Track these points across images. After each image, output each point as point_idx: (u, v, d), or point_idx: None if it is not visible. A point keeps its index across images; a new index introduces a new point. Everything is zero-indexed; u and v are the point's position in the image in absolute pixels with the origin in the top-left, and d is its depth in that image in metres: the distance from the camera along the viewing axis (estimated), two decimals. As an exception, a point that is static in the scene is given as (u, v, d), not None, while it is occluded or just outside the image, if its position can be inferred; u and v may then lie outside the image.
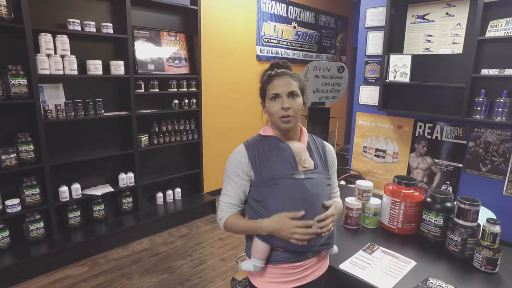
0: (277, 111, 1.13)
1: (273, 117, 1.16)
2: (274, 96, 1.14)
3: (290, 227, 1.06)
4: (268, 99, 1.16)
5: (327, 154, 1.27)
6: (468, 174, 2.62)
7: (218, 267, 2.69)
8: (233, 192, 1.16)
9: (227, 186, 1.17)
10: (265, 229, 1.09)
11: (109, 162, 3.11)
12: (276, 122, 1.15)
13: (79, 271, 2.59)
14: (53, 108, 2.60)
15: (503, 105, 2.27)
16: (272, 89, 1.14)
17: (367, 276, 1.27)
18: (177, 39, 3.41)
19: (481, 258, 1.30)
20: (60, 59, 2.55)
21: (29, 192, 2.51)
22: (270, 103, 1.15)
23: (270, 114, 1.17)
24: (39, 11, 2.54)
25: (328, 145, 1.31)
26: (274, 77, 1.15)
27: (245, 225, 1.14)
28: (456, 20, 2.57)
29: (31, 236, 2.57)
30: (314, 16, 5.24)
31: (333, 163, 1.29)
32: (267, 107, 1.17)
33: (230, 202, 1.17)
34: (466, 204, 1.37)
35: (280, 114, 1.13)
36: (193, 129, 3.60)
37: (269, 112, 1.17)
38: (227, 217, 1.17)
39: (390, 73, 2.78)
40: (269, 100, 1.15)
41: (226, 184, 1.18)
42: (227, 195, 1.17)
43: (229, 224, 1.16)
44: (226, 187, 1.18)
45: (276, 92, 1.13)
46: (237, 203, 1.18)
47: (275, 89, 1.14)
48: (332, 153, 1.30)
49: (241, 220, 1.16)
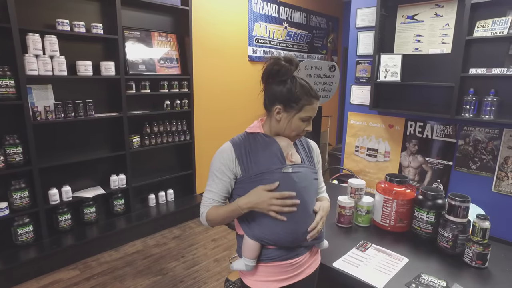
0: (301, 130, 1.16)
1: (288, 131, 1.16)
2: (308, 118, 1.16)
3: (267, 199, 1.06)
4: (299, 117, 1.14)
5: (312, 150, 1.29)
6: (458, 172, 2.66)
7: (212, 268, 2.68)
8: (216, 189, 1.16)
9: (211, 183, 1.17)
10: (244, 206, 1.09)
11: (100, 164, 3.07)
12: (289, 136, 1.18)
13: (70, 274, 2.55)
14: (42, 110, 2.56)
15: (491, 103, 2.31)
16: (311, 111, 1.15)
17: (361, 273, 1.28)
18: (168, 40, 3.39)
19: (472, 253, 1.32)
20: (49, 59, 2.51)
21: (18, 195, 2.46)
22: (299, 122, 1.14)
23: (287, 128, 1.15)
24: (26, 10, 2.50)
25: (312, 142, 1.33)
26: (314, 99, 1.14)
27: (224, 210, 1.13)
28: (444, 20, 2.61)
29: (19, 240, 2.52)
30: (305, 17, 5.27)
31: (318, 160, 1.30)
32: (292, 122, 1.14)
33: (213, 198, 1.16)
34: (457, 200, 1.39)
35: (301, 133, 1.18)
36: (185, 130, 3.58)
37: (289, 127, 1.15)
38: (207, 210, 1.17)
39: (381, 72, 2.81)
40: (300, 119, 1.14)
41: (211, 181, 1.17)
42: (211, 191, 1.17)
43: (210, 215, 1.15)
44: (210, 183, 1.18)
45: (311, 116, 1.15)
46: (220, 200, 1.17)
47: (311, 113, 1.15)
48: (317, 150, 1.32)
49: (221, 208, 1.15)
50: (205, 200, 1.18)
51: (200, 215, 1.20)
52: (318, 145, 3.00)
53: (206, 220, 1.17)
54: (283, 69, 1.11)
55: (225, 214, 1.13)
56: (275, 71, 1.12)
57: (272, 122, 1.17)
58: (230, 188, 1.17)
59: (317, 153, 1.31)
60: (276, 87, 1.13)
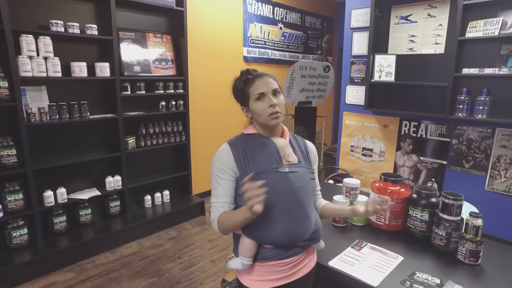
0: (264, 109, 1.14)
1: (261, 117, 1.16)
2: (260, 95, 1.15)
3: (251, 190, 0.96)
4: (253, 100, 1.16)
5: (309, 151, 1.29)
6: (452, 171, 2.69)
7: (208, 268, 2.68)
8: (223, 190, 1.15)
9: (217, 186, 1.15)
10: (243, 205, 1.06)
11: (95, 165, 3.06)
12: (265, 121, 1.16)
13: (65, 277, 2.53)
14: (36, 111, 2.54)
15: (483, 103, 2.34)
16: (256, 89, 1.15)
17: (356, 272, 1.29)
18: (163, 41, 3.39)
19: (465, 251, 1.34)
20: (43, 61, 2.50)
21: (12, 197, 2.44)
22: (257, 104, 1.16)
23: (257, 115, 1.17)
24: (19, 12, 2.48)
25: (309, 142, 1.34)
26: (255, 79, 1.17)
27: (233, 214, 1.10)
28: (437, 21, 2.64)
29: (14, 243, 2.50)
30: (300, 17, 5.29)
31: (315, 160, 1.31)
32: (252, 109, 1.17)
33: (223, 201, 1.14)
34: (450, 199, 1.41)
35: (269, 112, 1.14)
36: (181, 131, 3.58)
37: (256, 113, 1.17)
38: (219, 215, 1.13)
39: (376, 73, 2.83)
40: (255, 101, 1.16)
41: (216, 184, 1.16)
42: (218, 194, 1.15)
43: (223, 219, 1.11)
44: (216, 186, 1.16)
45: (261, 92, 1.15)
46: (230, 201, 1.15)
47: (259, 89, 1.15)
48: (314, 150, 1.33)
49: (230, 213, 1.11)
50: (215, 205, 1.15)
51: (212, 222, 1.15)
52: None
53: (218, 226, 1.12)
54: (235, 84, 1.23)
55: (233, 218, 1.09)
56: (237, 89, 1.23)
57: (253, 121, 1.23)
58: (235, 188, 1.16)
59: (314, 153, 1.32)
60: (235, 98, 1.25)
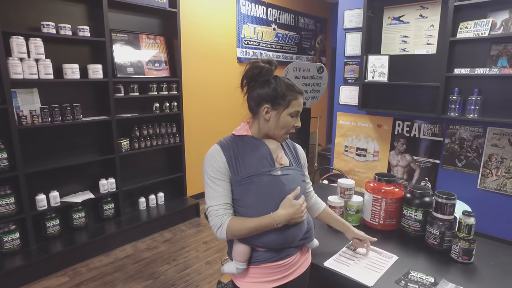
0: (289, 127, 1.17)
1: (278, 130, 1.16)
2: (296, 114, 1.17)
3: (299, 206, 1.10)
4: (287, 113, 1.14)
5: (298, 153, 1.30)
6: (445, 170, 2.71)
7: (204, 270, 2.67)
8: (223, 191, 1.10)
9: (215, 188, 1.10)
10: (282, 219, 1.08)
11: (89, 168, 3.03)
12: (278, 135, 1.17)
13: (59, 281, 2.50)
14: (28, 114, 2.51)
15: (474, 102, 2.37)
16: (298, 106, 1.16)
17: (351, 272, 1.29)
18: (156, 42, 3.37)
19: (458, 249, 1.35)
20: (34, 63, 2.47)
21: (3, 201, 2.40)
22: (288, 118, 1.15)
23: (277, 126, 1.15)
24: (9, 13, 2.45)
25: (298, 145, 1.35)
26: (298, 95, 1.16)
27: (256, 223, 1.06)
28: (429, 21, 2.67)
29: (5, 248, 2.46)
30: (293, 18, 5.30)
31: (304, 162, 1.32)
32: (280, 118, 1.14)
33: (223, 202, 1.09)
34: (443, 198, 1.42)
35: (290, 130, 1.18)
36: (175, 133, 3.56)
37: (279, 124, 1.15)
38: (229, 220, 1.08)
39: (369, 73, 2.85)
40: (288, 115, 1.15)
41: (213, 186, 1.10)
42: (217, 196, 1.09)
43: (235, 227, 1.07)
44: (214, 189, 1.10)
45: (299, 110, 1.17)
46: (231, 202, 1.11)
47: (298, 107, 1.16)
48: (303, 153, 1.34)
49: (248, 220, 1.07)
50: (216, 210, 1.09)
51: (218, 229, 1.08)
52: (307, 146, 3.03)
53: (227, 233, 1.07)
54: (264, 70, 1.12)
55: (255, 227, 1.07)
56: (256, 74, 1.13)
57: (261, 122, 1.17)
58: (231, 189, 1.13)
59: (303, 156, 1.33)
60: (260, 88, 1.14)
